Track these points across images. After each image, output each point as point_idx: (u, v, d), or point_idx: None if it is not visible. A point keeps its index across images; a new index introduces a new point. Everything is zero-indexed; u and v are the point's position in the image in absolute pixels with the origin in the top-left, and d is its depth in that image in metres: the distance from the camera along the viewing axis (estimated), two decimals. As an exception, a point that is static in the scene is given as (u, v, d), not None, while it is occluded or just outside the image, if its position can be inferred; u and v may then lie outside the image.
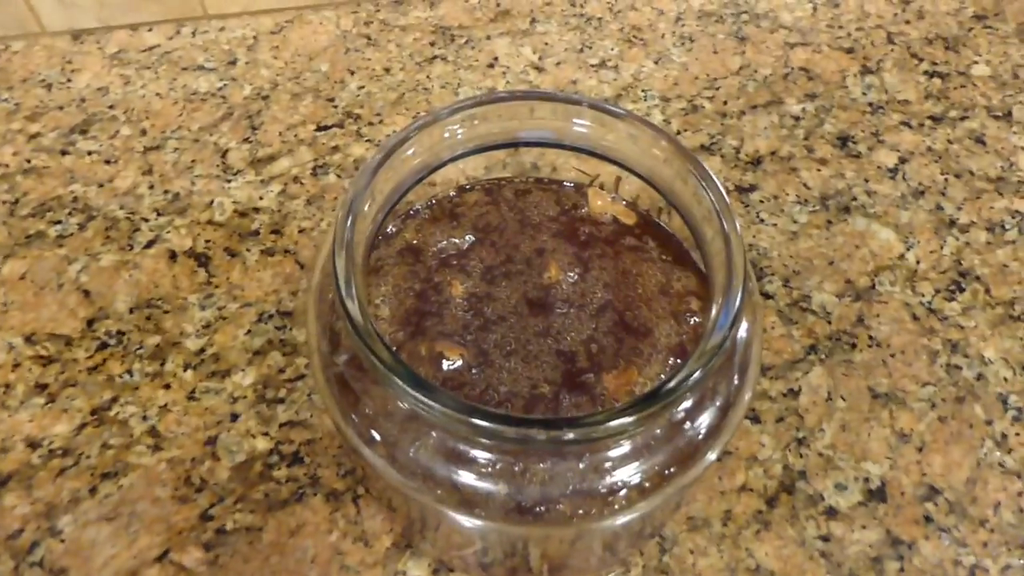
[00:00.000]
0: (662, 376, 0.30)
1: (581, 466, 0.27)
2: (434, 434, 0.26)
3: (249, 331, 0.38)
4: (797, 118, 0.46)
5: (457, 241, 0.33)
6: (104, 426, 0.35)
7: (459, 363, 0.30)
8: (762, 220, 0.42)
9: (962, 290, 0.40)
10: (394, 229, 0.33)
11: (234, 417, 0.36)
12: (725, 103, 0.47)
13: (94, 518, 0.33)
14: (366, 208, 0.27)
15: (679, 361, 0.30)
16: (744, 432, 0.36)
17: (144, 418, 0.36)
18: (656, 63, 0.48)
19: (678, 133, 0.45)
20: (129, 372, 0.37)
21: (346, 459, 0.35)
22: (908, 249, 0.42)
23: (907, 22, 0.51)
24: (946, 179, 0.44)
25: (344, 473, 0.34)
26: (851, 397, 0.37)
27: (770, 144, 0.45)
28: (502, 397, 0.29)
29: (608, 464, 0.27)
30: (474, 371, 0.30)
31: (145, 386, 0.36)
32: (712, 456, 0.28)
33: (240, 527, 0.33)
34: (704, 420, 0.28)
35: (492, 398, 0.29)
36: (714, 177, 0.28)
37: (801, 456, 0.35)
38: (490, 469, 0.26)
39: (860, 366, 0.38)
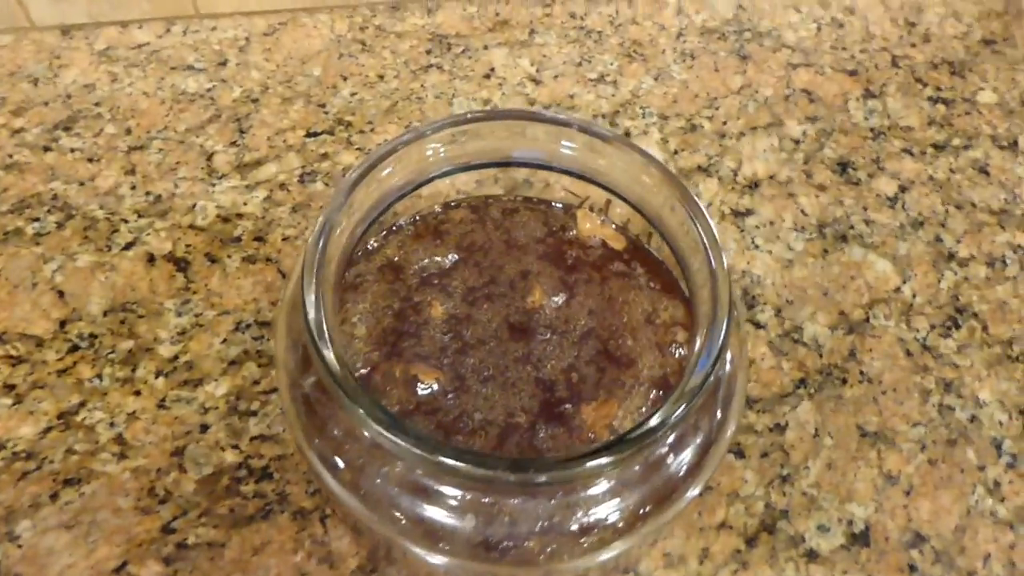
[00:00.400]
0: (643, 410, 0.29)
1: (552, 503, 0.26)
2: (399, 465, 0.25)
3: (225, 340, 0.37)
4: (797, 141, 0.45)
5: (440, 260, 0.32)
6: (70, 431, 0.34)
7: (434, 387, 0.29)
8: (757, 246, 0.41)
9: (959, 327, 0.39)
10: (376, 244, 0.32)
11: (204, 428, 0.35)
12: (724, 123, 0.46)
13: (53, 525, 0.32)
14: (343, 224, 0.26)
15: (661, 394, 0.29)
16: (727, 467, 0.35)
17: (111, 425, 0.35)
18: (656, 79, 0.47)
19: (675, 152, 0.44)
20: (99, 376, 0.36)
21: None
22: (904, 282, 0.41)
23: (913, 45, 0.50)
24: (947, 210, 0.43)
25: (313, 491, 0.33)
26: (839, 434, 0.36)
27: (769, 167, 0.44)
28: (476, 425, 0.28)
29: (581, 502, 0.26)
30: (449, 396, 0.29)
31: (115, 391, 0.36)
32: (692, 493, 0.27)
33: (202, 542, 0.32)
34: (684, 457, 0.27)
35: (466, 426, 0.28)
36: (703, 208, 0.27)
37: (784, 494, 0.34)
38: (456, 503, 0.25)
39: (850, 402, 0.37)
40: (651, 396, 0.29)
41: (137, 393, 0.36)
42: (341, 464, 0.25)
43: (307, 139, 0.43)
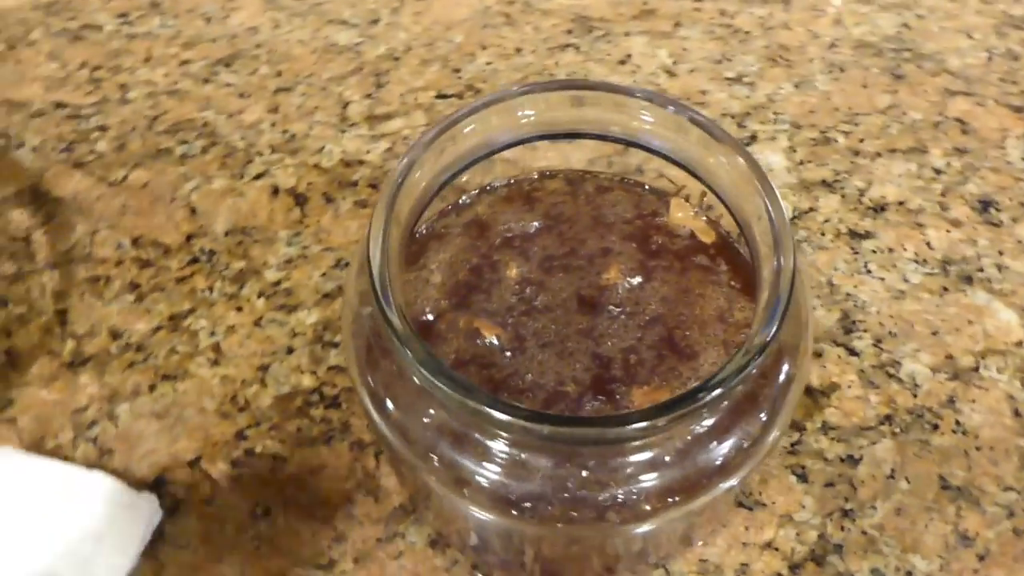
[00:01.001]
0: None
1: (584, 474, 0.26)
2: (442, 410, 0.26)
3: (325, 274, 0.39)
4: (939, 171, 0.43)
5: (525, 224, 0.32)
6: (176, 333, 0.38)
7: (494, 343, 0.30)
8: (869, 271, 0.39)
9: (1081, 393, 0.36)
10: (468, 200, 0.33)
11: (289, 351, 0.37)
12: (862, 140, 0.44)
13: (147, 412, 0.36)
14: (423, 169, 0.27)
15: None
16: (786, 487, 0.33)
17: (212, 334, 0.38)
18: (796, 87, 0.46)
19: (801, 163, 0.43)
20: (211, 289, 0.39)
21: (378, 415, 0.35)
22: (1029, 336, 0.37)
23: (1098, 90, 0.46)
24: (1097, 269, 0.39)
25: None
26: (917, 481, 0.34)
27: (900, 193, 0.42)
28: (526, 385, 0.29)
29: (611, 477, 0.26)
30: (506, 354, 0.30)
31: (221, 304, 0.39)
32: (725, 486, 0.26)
33: (268, 453, 0.35)
34: (722, 449, 0.26)
35: (516, 385, 0.29)
36: (785, 216, 0.26)
37: (842, 529, 0.33)
38: (489, 453, 0.26)
39: (937, 451, 0.34)
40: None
41: (239, 309, 0.38)
42: (390, 404, 0.27)
43: (436, 100, 0.45)
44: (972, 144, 0.44)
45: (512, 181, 0.34)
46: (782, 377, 0.27)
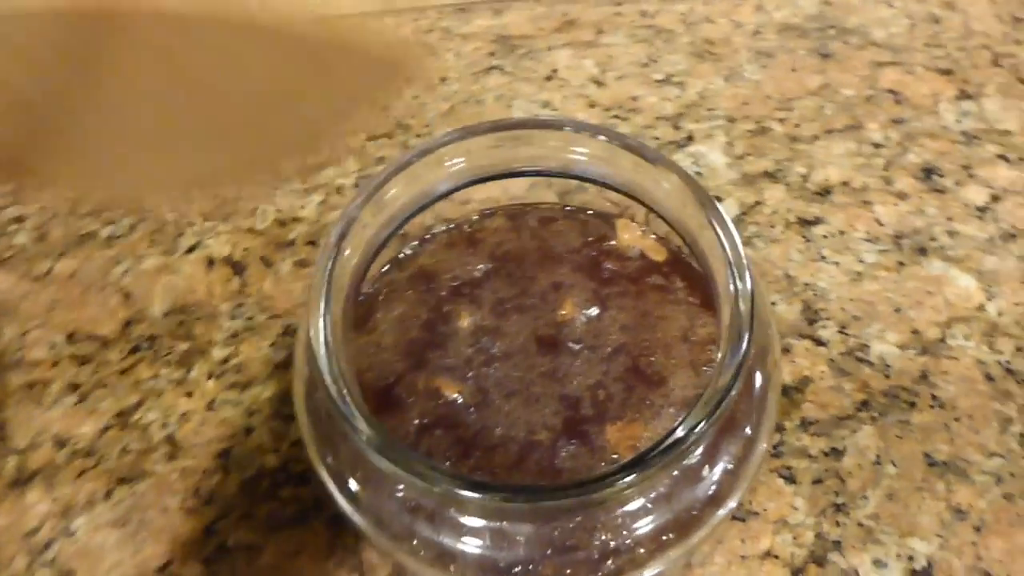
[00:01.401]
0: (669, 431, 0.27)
1: (571, 526, 0.25)
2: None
3: (274, 343, 0.38)
4: (878, 145, 0.42)
5: (471, 269, 0.31)
6: (126, 430, 0.36)
7: (457, 400, 0.29)
8: (823, 257, 0.39)
9: (1049, 351, 0.36)
10: (409, 252, 0.32)
11: (248, 431, 0.36)
12: (798, 126, 0.43)
13: (106, 522, 0.34)
14: (355, 243, 0.26)
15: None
16: (775, 492, 0.33)
17: (164, 425, 0.36)
18: (726, 80, 0.45)
19: (741, 157, 0.42)
20: (156, 377, 0.37)
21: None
22: (990, 299, 0.37)
23: (1018, 42, 0.46)
24: (1045, 221, 0.39)
25: (349, 498, 0.34)
26: (903, 463, 0.33)
27: (843, 173, 0.41)
28: (496, 441, 0.28)
29: (600, 525, 0.25)
30: (471, 410, 0.28)
31: (169, 392, 0.37)
32: (720, 514, 0.25)
33: (242, 544, 0.33)
34: (712, 476, 0.25)
35: (486, 442, 0.28)
36: (731, 226, 0.25)
37: (838, 524, 0.32)
38: (467, 526, 0.25)
39: (918, 429, 0.34)
40: (680, 418, 0.28)
41: (189, 394, 0.37)
42: (354, 485, 0.25)
43: (367, 142, 0.44)
44: (907, 113, 0.43)
45: (452, 226, 0.33)
46: (758, 387, 0.27)
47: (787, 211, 0.40)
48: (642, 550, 0.25)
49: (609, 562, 0.25)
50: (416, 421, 0.28)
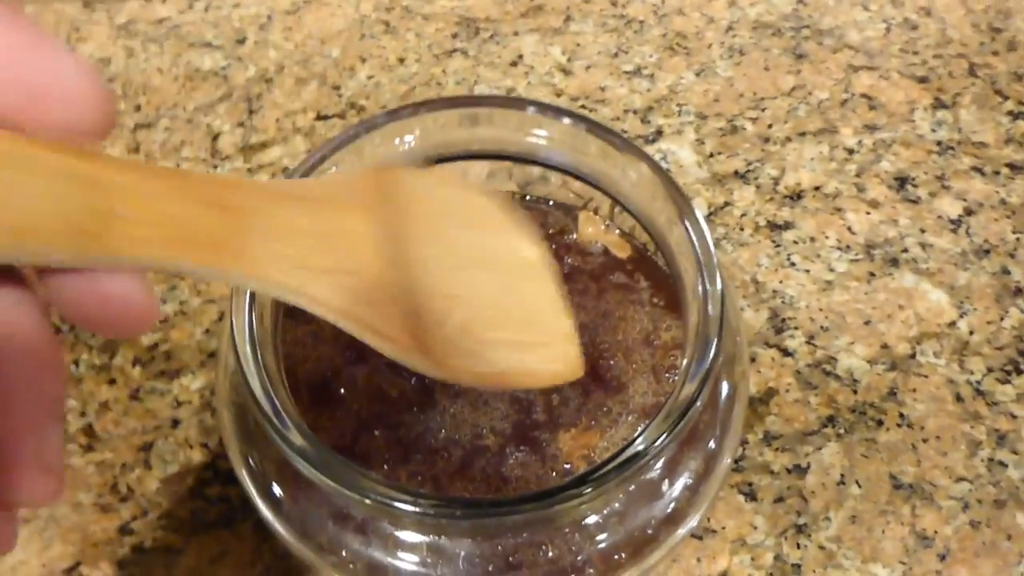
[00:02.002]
0: (625, 442, 0.25)
1: (515, 541, 0.23)
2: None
3: (208, 331, 0.35)
4: (851, 151, 0.41)
5: None
6: (38, 418, 0.33)
7: (399, 398, 0.26)
8: (793, 264, 0.37)
9: (1020, 372, 0.34)
10: None
11: (175, 423, 0.33)
12: (770, 126, 0.42)
13: (9, 518, 0.31)
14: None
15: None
16: (735, 509, 0.31)
17: (82, 414, 0.33)
18: (698, 75, 0.43)
19: (711, 156, 0.41)
20: (76, 363, 0.34)
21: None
22: (961, 316, 0.36)
23: (995, 53, 0.45)
24: (1018, 239, 0.38)
25: (279, 502, 0.31)
26: (868, 484, 0.32)
27: (815, 178, 0.40)
28: (439, 443, 0.26)
29: (548, 540, 0.23)
30: (414, 410, 0.26)
31: (89, 379, 0.34)
32: (679, 535, 0.23)
33: (159, 546, 0.30)
34: (671, 493, 0.24)
35: (428, 444, 0.26)
36: (702, 223, 0.23)
37: (799, 547, 0.30)
38: (403, 541, 0.22)
39: (884, 448, 0.33)
40: (639, 428, 0.26)
41: (112, 382, 0.34)
42: (278, 490, 0.23)
43: (317, 122, 0.41)
44: (881, 120, 0.42)
45: None
46: (723, 397, 0.25)
47: (756, 214, 0.39)
48: (592, 570, 0.23)
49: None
50: (355, 420, 0.25)
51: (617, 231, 0.30)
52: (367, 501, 0.19)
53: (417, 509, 0.19)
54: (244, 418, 0.24)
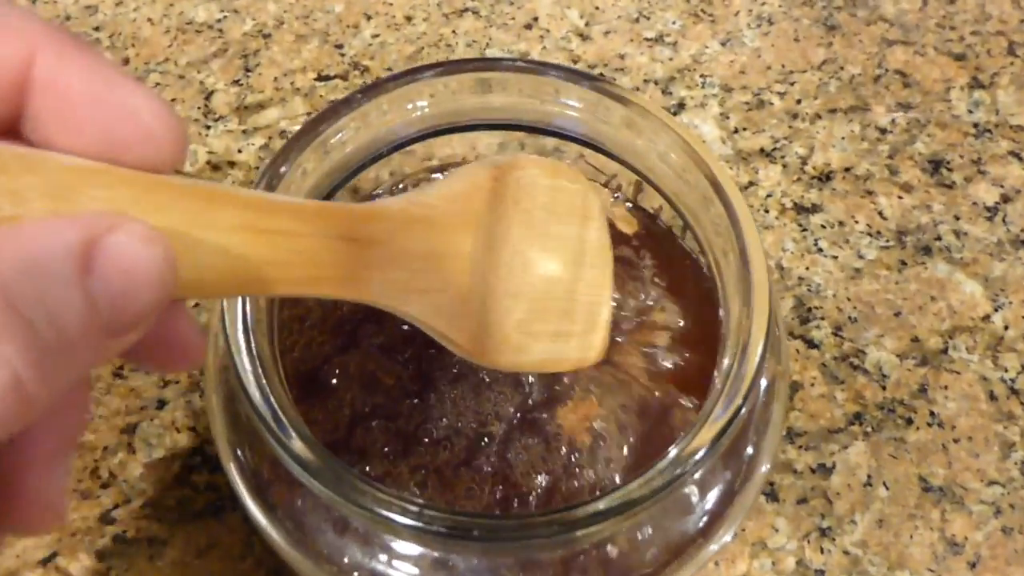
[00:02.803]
0: (625, 407, 0.23)
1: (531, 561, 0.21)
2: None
3: (198, 304, 0.33)
4: (884, 131, 0.39)
5: None
6: (14, 394, 0.31)
7: (395, 387, 0.24)
8: (820, 250, 0.35)
9: (1057, 370, 0.33)
10: None
11: (161, 404, 0.31)
12: (799, 102, 0.39)
13: (-19, 501, 0.29)
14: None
15: (644, 395, 0.24)
16: (755, 510, 0.29)
17: (61, 390, 0.31)
18: (723, 44, 0.41)
19: (735, 131, 0.38)
20: (55, 334, 0.32)
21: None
22: (996, 310, 0.34)
23: (1036, 30, 0.43)
24: (1057, 228, 0.36)
25: (271, 490, 0.29)
26: (896, 486, 0.30)
27: (845, 158, 0.38)
28: (441, 434, 0.24)
29: (564, 562, 0.21)
30: (413, 400, 0.24)
31: (69, 353, 0.32)
32: (712, 549, 0.22)
33: (143, 536, 0.28)
34: (704, 506, 0.22)
35: (429, 434, 0.24)
36: (744, 207, 0.21)
37: (822, 551, 0.29)
38: (408, 557, 0.20)
39: (914, 448, 0.31)
40: (634, 392, 0.24)
41: (93, 355, 0.32)
42: (270, 490, 0.21)
43: (317, 83, 0.39)
44: (915, 98, 0.40)
45: (411, 183, 0.28)
46: (762, 396, 0.23)
47: (783, 195, 0.37)
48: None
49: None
50: (348, 412, 0.23)
51: (628, 205, 0.28)
52: (367, 514, 0.17)
53: (431, 528, 0.17)
54: (234, 405, 0.22)
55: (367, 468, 0.22)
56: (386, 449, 0.23)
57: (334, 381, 0.24)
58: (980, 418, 0.32)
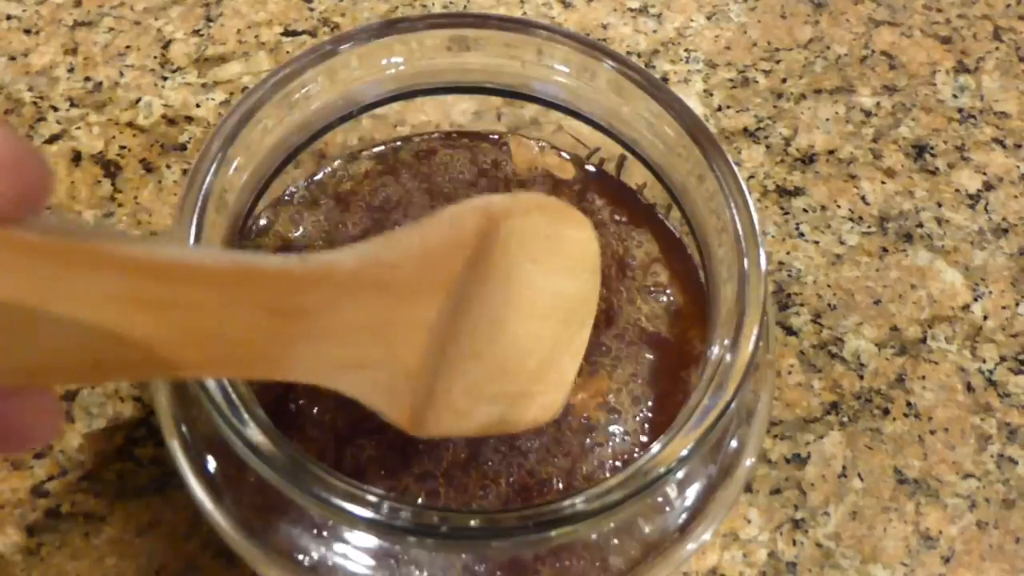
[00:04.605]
0: (637, 379, 0.22)
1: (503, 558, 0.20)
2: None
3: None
4: (869, 113, 0.38)
5: (347, 230, 0.25)
6: (-57, 357, 0.29)
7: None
8: (802, 234, 0.34)
9: (1035, 363, 0.32)
10: (266, 220, 0.25)
11: (104, 372, 0.29)
12: (784, 81, 0.38)
13: (-98, 471, 0.27)
14: (236, 165, 0.19)
15: (654, 358, 0.23)
16: (729, 500, 0.28)
17: (-5, 355, 0.29)
18: (709, 19, 0.40)
19: (719, 109, 0.37)
20: (-10, 294, 0.30)
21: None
22: (976, 299, 0.33)
23: (1021, 18, 0.42)
24: (1038, 219, 0.36)
25: (221, 467, 0.27)
26: (871, 477, 0.29)
27: (829, 140, 0.37)
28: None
29: (540, 556, 0.20)
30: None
31: (5, 315, 0.29)
32: (691, 548, 0.20)
33: (79, 512, 0.27)
34: (683, 503, 0.20)
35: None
36: (743, 185, 0.20)
37: (795, 543, 0.28)
38: (367, 548, 0.19)
39: (890, 439, 0.30)
40: (642, 358, 0.23)
41: (32, 318, 0.29)
42: (214, 467, 0.19)
43: (283, 38, 0.36)
44: (901, 81, 0.39)
45: (311, 181, 0.26)
46: (750, 388, 0.22)
47: (766, 177, 0.35)
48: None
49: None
50: (330, 434, 0.22)
51: (559, 153, 0.26)
52: (326, 507, 0.16)
53: (381, 517, 0.15)
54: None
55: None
56: (384, 464, 0.21)
57: (303, 404, 0.22)
58: (957, 409, 0.31)
